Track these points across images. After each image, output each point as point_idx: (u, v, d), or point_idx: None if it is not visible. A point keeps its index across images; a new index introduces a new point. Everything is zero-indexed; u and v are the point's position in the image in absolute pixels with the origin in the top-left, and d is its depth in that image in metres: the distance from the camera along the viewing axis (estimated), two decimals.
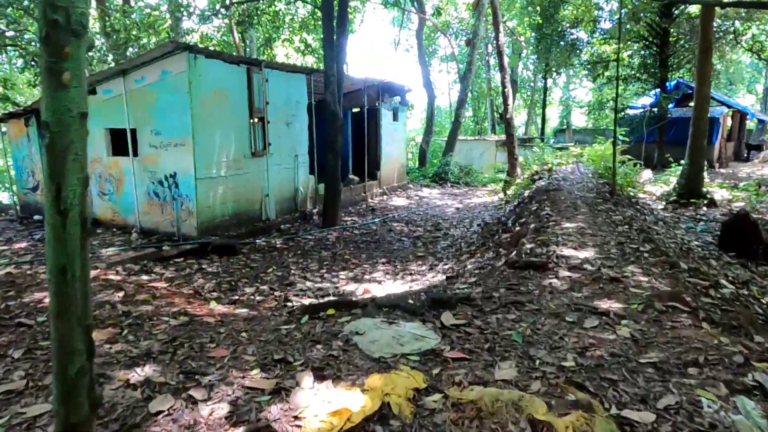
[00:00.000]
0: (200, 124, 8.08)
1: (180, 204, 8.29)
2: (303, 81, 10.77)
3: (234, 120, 8.85)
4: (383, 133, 14.74)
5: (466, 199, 14.75)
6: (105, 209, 9.20)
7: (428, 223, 11.03)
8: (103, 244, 7.85)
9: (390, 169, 15.47)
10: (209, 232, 8.47)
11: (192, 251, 7.79)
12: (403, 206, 13.30)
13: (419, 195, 15.47)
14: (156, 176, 8.47)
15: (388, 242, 9.20)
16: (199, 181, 8.14)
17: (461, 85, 18.81)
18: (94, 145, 9.03)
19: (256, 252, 8.23)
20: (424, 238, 9.51)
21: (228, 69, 8.63)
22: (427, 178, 18.25)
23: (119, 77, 8.34)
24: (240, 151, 9.05)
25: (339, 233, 9.75)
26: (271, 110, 9.79)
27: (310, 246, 8.73)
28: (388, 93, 14.91)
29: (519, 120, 44.79)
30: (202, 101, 8.08)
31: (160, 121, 8.23)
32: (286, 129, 10.32)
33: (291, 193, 10.70)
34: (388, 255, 8.24)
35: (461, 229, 10.20)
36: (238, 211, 9.17)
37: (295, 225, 10.31)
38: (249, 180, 9.35)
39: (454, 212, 12.42)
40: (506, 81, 14.86)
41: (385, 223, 10.93)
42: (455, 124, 19.13)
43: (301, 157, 10.88)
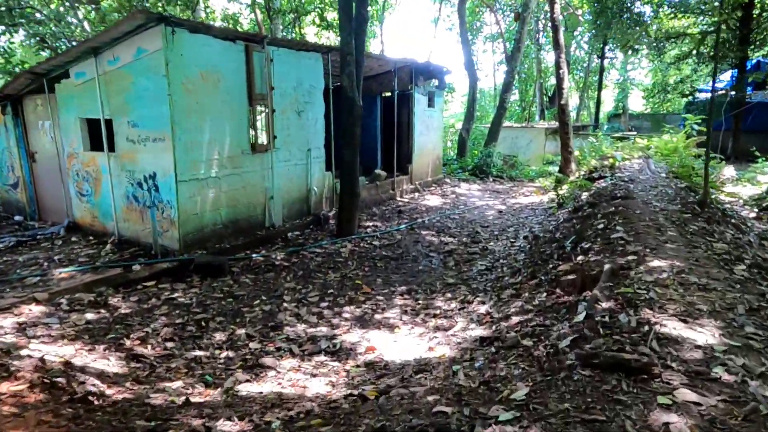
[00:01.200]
0: (183, 115, 6.59)
1: (160, 211, 6.88)
2: (318, 61, 9.12)
3: (229, 109, 7.32)
4: (416, 121, 12.94)
5: (510, 198, 12.82)
6: (84, 212, 7.93)
7: (464, 231, 9.25)
8: (65, 260, 6.54)
9: (423, 161, 13.68)
10: (197, 245, 7.04)
11: (169, 271, 6.38)
12: (436, 206, 11.53)
13: (456, 192, 13.63)
14: (134, 176, 7.08)
15: (413, 259, 7.52)
16: (181, 183, 6.69)
17: (508, 65, 16.66)
18: (69, 138, 7.73)
19: (249, 271, 6.74)
20: (457, 253, 7.76)
21: (220, 46, 7.07)
22: (467, 170, 16.34)
23: (91, 57, 6.94)
24: (237, 146, 7.54)
25: (355, 244, 8.14)
26: (278, 96, 8.21)
27: (317, 263, 7.16)
28: (423, 75, 13.05)
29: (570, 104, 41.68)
30: (185, 86, 6.58)
31: (138, 111, 6.80)
32: (297, 119, 8.73)
33: (302, 193, 9.14)
34: (411, 280, 6.57)
35: (504, 242, 8.38)
36: (235, 218, 7.70)
37: (305, 232, 8.76)
38: (249, 180, 7.84)
39: (495, 216, 10.56)
40: (561, 61, 12.72)
41: (413, 230, 9.23)
42: (500, 110, 17.03)
43: (316, 151, 9.28)
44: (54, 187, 8.21)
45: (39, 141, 8.32)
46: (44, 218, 8.68)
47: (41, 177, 8.47)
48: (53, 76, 7.55)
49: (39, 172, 8.49)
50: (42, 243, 7.38)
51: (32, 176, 8.56)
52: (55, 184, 8.16)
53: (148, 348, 4.36)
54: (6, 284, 5.56)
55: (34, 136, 8.37)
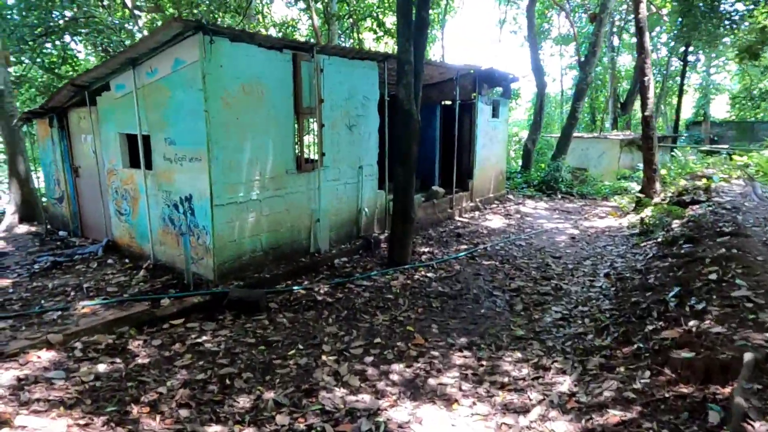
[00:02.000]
0: (221, 132, 5.95)
1: (195, 236, 6.28)
2: (373, 70, 8.31)
3: (273, 124, 6.64)
4: (479, 132, 11.88)
5: (582, 220, 11.47)
6: (122, 232, 7.50)
7: (532, 262, 8.11)
8: (93, 289, 6.05)
9: (485, 177, 12.58)
10: (233, 275, 6.39)
11: (201, 306, 5.74)
12: (499, 229, 10.42)
13: (521, 211, 12.42)
14: (171, 198, 6.53)
15: (474, 298, 6.51)
16: (217, 208, 6.05)
17: (581, 71, 15.22)
18: (109, 153, 7.33)
19: (288, 308, 5.99)
20: (525, 293, 6.68)
21: (264, 56, 6.40)
22: (532, 186, 15.04)
23: (129, 69, 6.45)
24: (281, 165, 6.84)
25: (407, 276, 7.23)
26: (327, 109, 7.47)
27: (364, 300, 6.31)
28: (488, 83, 11.97)
29: None
30: (224, 101, 5.94)
31: (174, 127, 6.24)
32: (348, 133, 7.95)
33: (352, 215, 8.35)
34: (472, 328, 5.58)
35: (580, 279, 7.20)
36: (277, 244, 7.01)
37: (353, 258, 7.96)
38: (293, 202, 7.13)
39: (568, 243, 9.33)
40: (647, 66, 11.24)
41: (473, 259, 8.21)
42: (571, 120, 15.60)
43: (368, 168, 8.47)
44: (95, 203, 7.88)
45: (82, 155, 8.02)
46: (86, 235, 8.38)
47: (84, 192, 8.18)
48: (96, 89, 7.17)
49: (82, 187, 8.20)
50: (77, 265, 6.99)
51: (76, 191, 8.28)
52: (97, 201, 7.81)
53: (157, 420, 3.65)
54: (24, 319, 5.08)
55: (78, 149, 8.09)
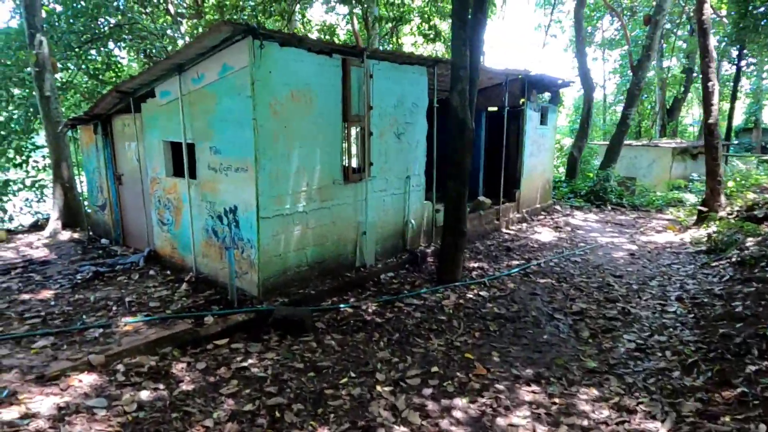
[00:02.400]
0: (268, 141, 5.65)
1: (240, 250, 5.99)
2: (423, 76, 7.92)
3: (320, 133, 6.31)
4: (527, 140, 11.33)
5: (639, 234, 10.76)
6: (164, 242, 7.30)
7: (592, 281, 7.54)
8: (135, 303, 5.82)
9: (532, 186, 12.01)
10: (278, 291, 6.07)
11: (245, 325, 5.43)
12: (549, 243, 9.84)
13: (570, 223, 11.78)
14: (215, 209, 6.27)
15: (534, 322, 6.01)
16: (264, 221, 5.74)
17: (633, 76, 14.44)
18: (153, 161, 7.15)
19: (336, 328, 5.62)
20: (590, 317, 6.14)
21: (314, 61, 6.08)
22: (579, 196, 14.35)
23: (175, 75, 6.24)
24: (328, 175, 6.51)
25: (459, 295, 6.78)
26: (376, 117, 7.11)
27: (415, 321, 5.89)
28: (536, 88, 11.43)
29: (689, 119, 37.25)
30: (272, 108, 5.64)
31: (220, 136, 5.98)
32: (396, 142, 7.58)
33: (398, 228, 7.96)
34: (536, 357, 5.08)
35: (650, 302, 6.59)
36: (322, 258, 6.67)
37: (399, 273, 7.55)
38: (339, 214, 6.79)
39: (627, 260, 8.69)
40: (711, 71, 10.48)
41: (526, 276, 7.69)
42: (621, 127, 14.83)
43: (415, 178, 8.07)
44: (137, 212, 7.72)
45: (126, 162, 7.89)
46: (128, 243, 8.25)
47: (127, 200, 8.05)
48: (140, 95, 7.01)
49: (125, 195, 8.07)
50: (119, 276, 6.81)
51: (118, 199, 8.16)
52: (139, 210, 7.66)
53: None
54: (66, 336, 4.87)
55: (121, 157, 7.96)
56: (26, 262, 7.43)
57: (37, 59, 9.22)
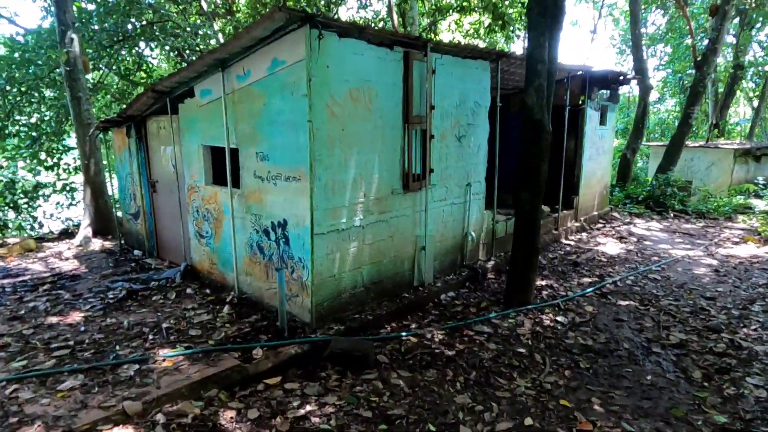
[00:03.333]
0: (325, 147, 4.92)
1: (290, 270, 5.27)
2: (486, 72, 7.09)
3: (380, 136, 5.55)
4: (586, 142, 10.38)
5: (714, 246, 9.71)
6: (202, 256, 6.65)
7: (682, 303, 6.60)
8: (173, 329, 5.15)
9: (590, 192, 11.05)
10: (332, 316, 5.34)
11: (299, 359, 4.70)
12: (618, 256, 8.89)
13: (634, 233, 10.78)
14: (261, 222, 5.57)
15: (630, 357, 5.12)
16: (318, 237, 5.01)
17: (698, 72, 13.30)
18: (191, 167, 6.50)
19: (401, 362, 4.85)
20: (695, 351, 5.22)
21: (374, 54, 5.32)
22: (637, 202, 13.28)
23: (218, 72, 5.56)
24: (387, 184, 5.75)
25: (533, 320, 5.94)
26: (437, 118, 6.33)
27: (492, 354, 5.08)
28: (597, 85, 10.47)
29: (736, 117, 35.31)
30: (329, 109, 4.90)
31: (269, 140, 5.26)
32: (457, 146, 6.77)
33: (457, 241, 7.15)
34: (647, 407, 4.20)
35: (761, 332, 5.63)
36: (379, 278, 5.91)
37: (460, 293, 6.75)
38: (398, 227, 6.02)
39: (713, 278, 7.69)
40: None
41: (604, 298, 6.79)
42: (683, 127, 13.70)
43: (476, 186, 7.25)
44: (173, 222, 7.09)
45: (161, 168, 7.27)
46: (162, 256, 7.64)
47: (161, 209, 7.43)
48: (178, 95, 6.37)
49: (159, 203, 7.46)
50: (154, 294, 6.17)
51: (152, 208, 7.56)
52: (175, 220, 7.02)
53: None
54: (97, 374, 4.21)
55: (156, 162, 7.35)
56: (55, 276, 6.87)
57: (68, 58, 8.71)
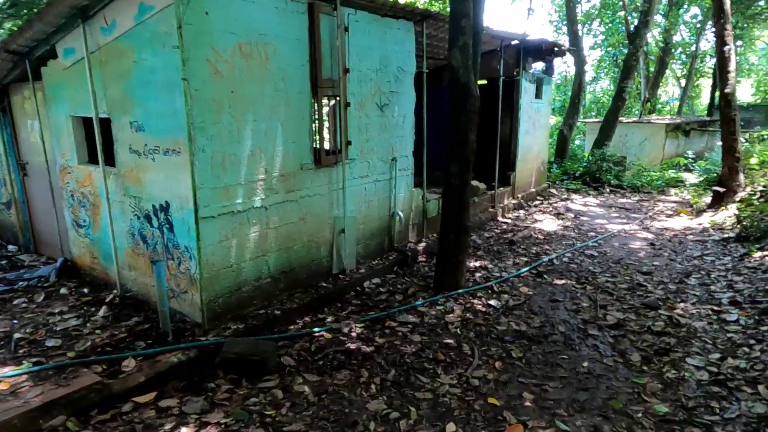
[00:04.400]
0: (208, 112, 4.08)
1: (176, 261, 4.43)
2: (409, 33, 6.40)
3: (282, 102, 4.75)
4: (522, 116, 9.97)
5: (649, 220, 9.59)
6: (83, 250, 5.64)
7: (619, 280, 6.26)
8: (24, 342, 4.19)
9: (527, 168, 10.70)
10: (230, 314, 4.55)
11: (182, 369, 3.90)
12: (555, 233, 8.55)
13: (571, 208, 10.55)
14: (141, 206, 4.66)
15: (565, 342, 4.66)
16: (205, 221, 4.18)
17: (630, 45, 13.22)
18: (61, 144, 5.44)
19: (310, 364, 4.15)
20: (633, 332, 4.83)
21: (270, 3, 4.49)
22: (574, 178, 13.15)
23: (78, 24, 4.55)
24: (294, 158, 4.97)
25: (464, 306, 5.39)
26: (354, 83, 5.58)
27: (415, 348, 4.47)
28: (532, 56, 10.05)
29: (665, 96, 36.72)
30: (212, 65, 4.05)
31: (143, 106, 4.35)
32: (379, 115, 6.07)
33: (383, 222, 6.49)
34: (584, 400, 3.71)
35: (698, 307, 5.33)
36: (290, 266, 5.15)
37: (387, 279, 6.11)
38: (310, 208, 5.27)
39: (649, 252, 7.46)
40: (727, 34, 9.30)
41: (540, 277, 6.36)
42: (617, 102, 13.65)
43: (402, 161, 6.60)
44: (48, 210, 6.00)
45: (29, 147, 6.12)
46: (40, 250, 6.52)
47: (35, 196, 6.30)
48: (39, 57, 5.27)
49: (32, 189, 6.32)
50: (18, 297, 5.13)
51: (25, 194, 6.41)
52: (50, 208, 5.94)
53: None
54: None
55: (25, 141, 6.19)
56: None
57: None
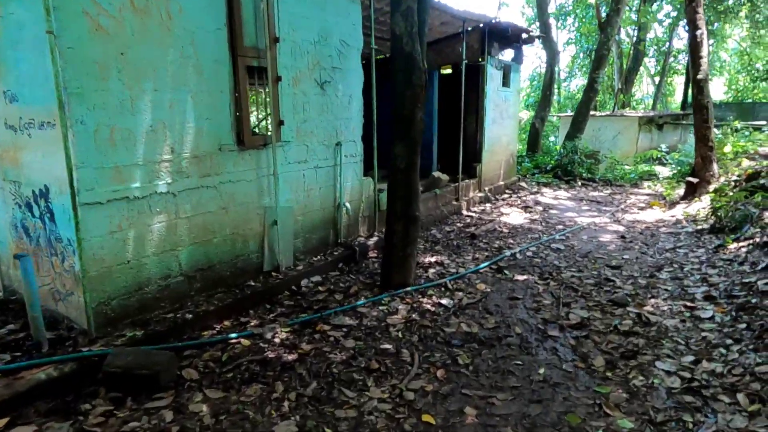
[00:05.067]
0: (91, 77, 3.38)
1: (59, 257, 3.72)
2: (354, 4, 5.78)
3: (193, 71, 4.07)
4: (488, 104, 9.44)
5: (620, 213, 9.13)
6: None
7: (585, 275, 5.72)
8: None
9: (495, 160, 10.17)
10: (128, 319, 3.85)
11: (52, 387, 3.19)
12: (521, 226, 8.02)
13: (540, 201, 10.05)
14: (21, 192, 3.94)
15: (521, 346, 4.07)
16: (90, 208, 3.49)
17: (601, 33, 12.82)
18: None
19: (217, 377, 3.48)
20: (597, 332, 4.28)
21: None
22: (545, 171, 12.69)
23: None
24: (211, 137, 4.29)
25: (412, 305, 4.78)
26: (287, 55, 4.93)
27: (346, 355, 3.83)
28: (499, 41, 9.52)
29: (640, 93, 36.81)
30: (92, 21, 3.36)
31: (15, 71, 3.63)
32: (320, 94, 5.43)
33: (327, 214, 5.84)
34: (535, 415, 3.12)
35: (670, 304, 4.80)
36: (208, 262, 4.47)
37: (329, 277, 5.47)
38: (233, 195, 4.60)
39: (620, 245, 6.95)
40: (699, 17, 8.90)
41: (501, 273, 5.78)
42: (589, 92, 13.24)
43: (349, 146, 5.97)
44: None
45: None
46: None
47: None
48: None
49: None
50: None
51: None
52: None
53: None
54: None
55: None
56: None
57: None
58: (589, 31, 19.72)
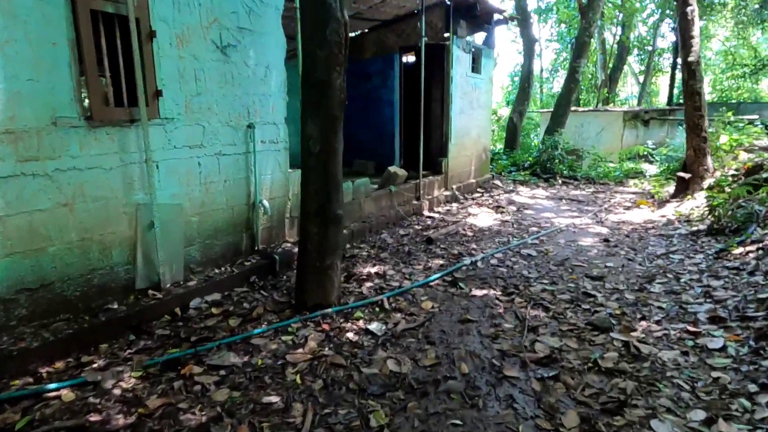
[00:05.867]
0: None
1: None
2: None
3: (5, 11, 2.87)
4: (455, 91, 8.32)
5: (604, 213, 8.05)
6: None
7: (560, 288, 4.59)
8: None
9: (464, 155, 9.06)
10: None
11: None
12: (488, 229, 6.89)
13: (515, 201, 8.94)
14: None
15: (464, 391, 2.91)
16: None
17: (582, 19, 11.82)
18: None
19: None
20: (571, 370, 3.13)
21: None
22: (522, 168, 11.61)
23: None
24: (38, 104, 3.08)
25: (329, 333, 3.59)
26: (166, 4, 3.74)
27: (207, 417, 2.64)
28: (467, 20, 8.42)
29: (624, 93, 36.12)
30: None
31: None
32: (221, 60, 4.24)
33: (238, 214, 4.64)
34: None
35: (666, 328, 3.68)
36: (41, 279, 3.24)
37: (233, 294, 4.27)
38: (82, 188, 3.38)
39: (602, 250, 5.85)
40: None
41: (456, 287, 4.63)
42: (570, 83, 12.22)
43: (267, 130, 4.78)
44: None
45: None
46: None
47: None
48: None
49: None
50: None
51: None
52: None
53: None
54: None
55: None
56: None
57: None
58: (569, 18, 18.77)
